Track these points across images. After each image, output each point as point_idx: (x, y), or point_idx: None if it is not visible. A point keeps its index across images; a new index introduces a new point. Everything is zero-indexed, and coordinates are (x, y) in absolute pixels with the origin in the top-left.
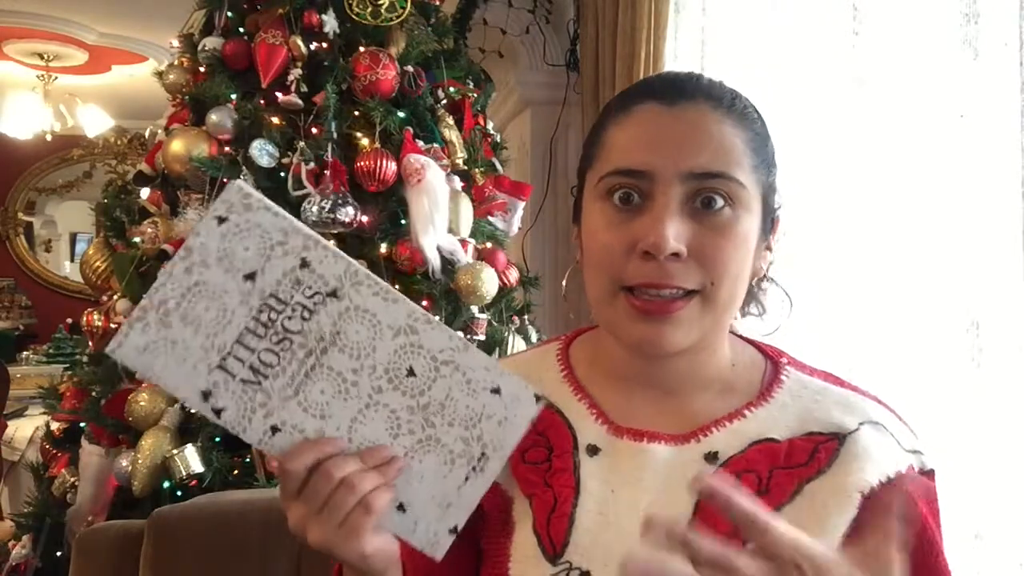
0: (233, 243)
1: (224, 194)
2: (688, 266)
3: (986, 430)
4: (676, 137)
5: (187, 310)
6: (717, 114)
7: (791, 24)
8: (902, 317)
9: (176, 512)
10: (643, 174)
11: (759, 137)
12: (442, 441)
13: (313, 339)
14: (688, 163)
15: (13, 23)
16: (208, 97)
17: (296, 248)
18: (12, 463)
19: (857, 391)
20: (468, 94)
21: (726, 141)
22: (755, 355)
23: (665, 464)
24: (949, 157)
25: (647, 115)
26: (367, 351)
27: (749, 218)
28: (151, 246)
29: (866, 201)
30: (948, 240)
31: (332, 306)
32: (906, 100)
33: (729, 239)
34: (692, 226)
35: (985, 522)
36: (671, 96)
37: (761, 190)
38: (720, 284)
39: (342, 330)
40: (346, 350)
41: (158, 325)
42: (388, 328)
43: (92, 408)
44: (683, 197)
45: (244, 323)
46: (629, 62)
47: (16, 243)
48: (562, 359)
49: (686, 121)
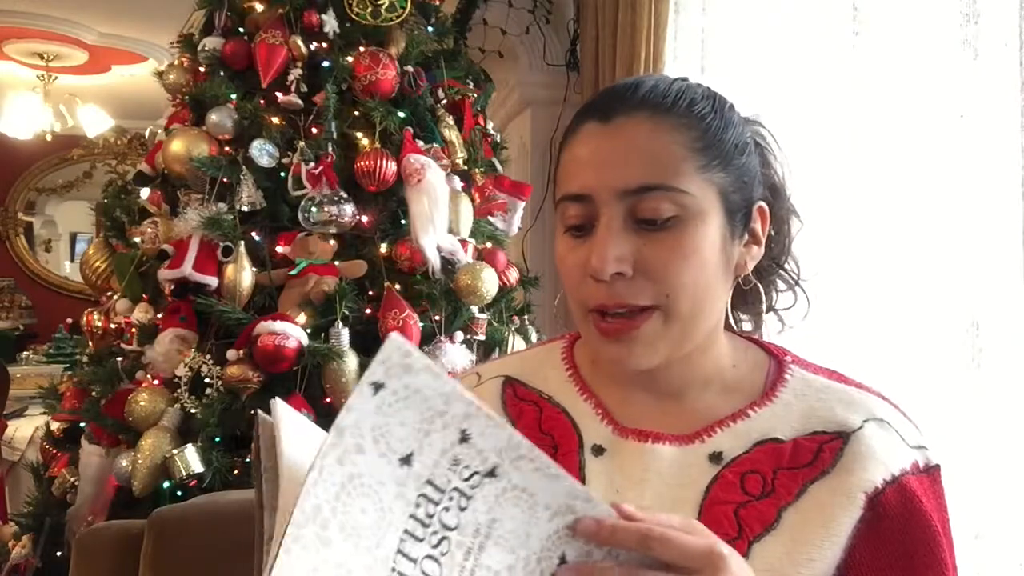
0: (390, 417)
1: (381, 353)
2: (636, 284)
3: (986, 430)
4: (611, 156)
5: (344, 517)
6: (653, 123)
7: (791, 24)
8: (902, 317)
9: (176, 512)
10: (585, 197)
11: (709, 134)
12: None
13: (470, 535)
14: (622, 181)
15: (13, 23)
16: (208, 97)
17: (457, 418)
18: (12, 463)
19: (861, 387)
20: (468, 94)
21: (662, 151)
22: (759, 354)
23: (669, 465)
24: (949, 157)
25: (586, 136)
26: (521, 539)
27: (703, 225)
28: (151, 246)
29: (866, 201)
30: (948, 240)
31: (489, 488)
32: (906, 100)
33: (676, 251)
34: (637, 242)
35: (985, 522)
36: (607, 112)
37: (717, 189)
38: (676, 296)
39: (497, 518)
40: (501, 542)
41: (317, 544)
42: (545, 509)
43: (92, 408)
44: (624, 215)
45: (403, 524)
46: (629, 62)
47: (16, 243)
48: (567, 358)
49: (620, 137)
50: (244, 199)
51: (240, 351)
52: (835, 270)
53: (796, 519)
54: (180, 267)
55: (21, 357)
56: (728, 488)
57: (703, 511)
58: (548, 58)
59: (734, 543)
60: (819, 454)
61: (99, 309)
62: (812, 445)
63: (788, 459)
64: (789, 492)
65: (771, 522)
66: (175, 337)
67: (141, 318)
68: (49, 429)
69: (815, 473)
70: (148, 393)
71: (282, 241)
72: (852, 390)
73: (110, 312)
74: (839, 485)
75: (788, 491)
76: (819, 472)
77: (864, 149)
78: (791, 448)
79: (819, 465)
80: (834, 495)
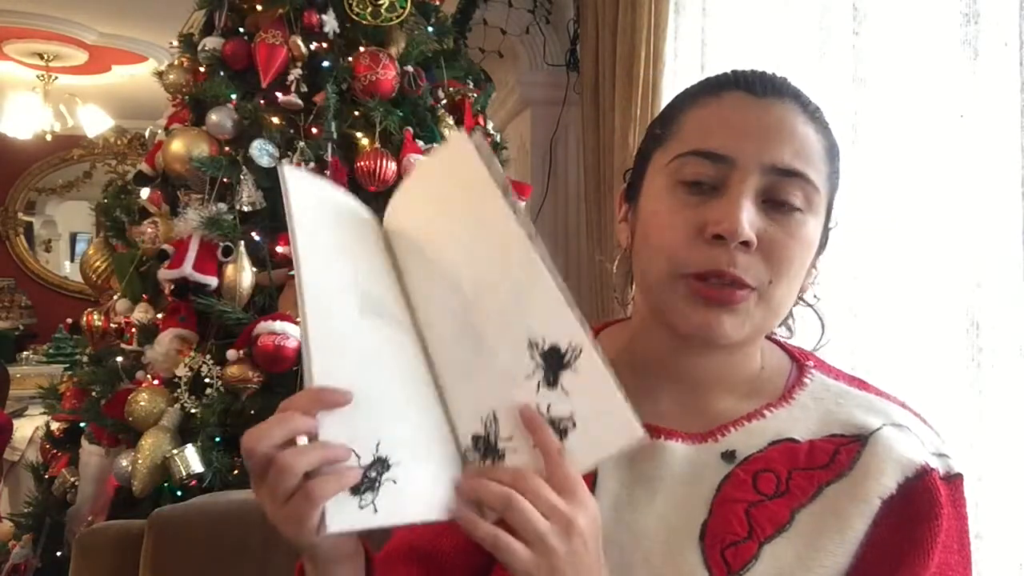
0: None
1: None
2: (754, 259)
3: (986, 430)
4: (762, 128)
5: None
6: (803, 114)
7: (791, 24)
8: (902, 317)
9: (176, 512)
10: (723, 158)
11: (834, 149)
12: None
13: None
14: (771, 156)
15: (13, 23)
16: (208, 97)
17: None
18: (12, 463)
19: (882, 395)
20: (468, 94)
21: (809, 142)
22: (782, 357)
23: (681, 462)
24: (949, 157)
25: (735, 102)
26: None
27: (816, 224)
28: (151, 246)
29: (865, 201)
30: (948, 240)
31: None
32: (906, 100)
33: (798, 240)
34: (764, 220)
35: (985, 522)
36: (761, 88)
37: (827, 200)
38: (778, 283)
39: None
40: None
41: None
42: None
43: (92, 408)
44: (759, 189)
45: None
46: (629, 62)
47: (16, 243)
48: None
49: (774, 115)
50: (244, 199)
51: (240, 351)
52: (834, 270)
53: (810, 522)
54: (180, 267)
55: (21, 357)
56: (740, 486)
57: (713, 509)
58: (548, 58)
59: (744, 543)
60: (836, 456)
61: (99, 309)
62: (829, 447)
63: (804, 460)
64: (804, 493)
65: (784, 523)
66: (175, 337)
67: (141, 318)
68: (49, 429)
69: (831, 475)
70: (148, 393)
71: (282, 241)
72: (872, 397)
73: (110, 312)
74: (856, 489)
75: (803, 492)
76: (835, 475)
77: (864, 149)
78: (807, 449)
79: (836, 467)
80: (851, 500)
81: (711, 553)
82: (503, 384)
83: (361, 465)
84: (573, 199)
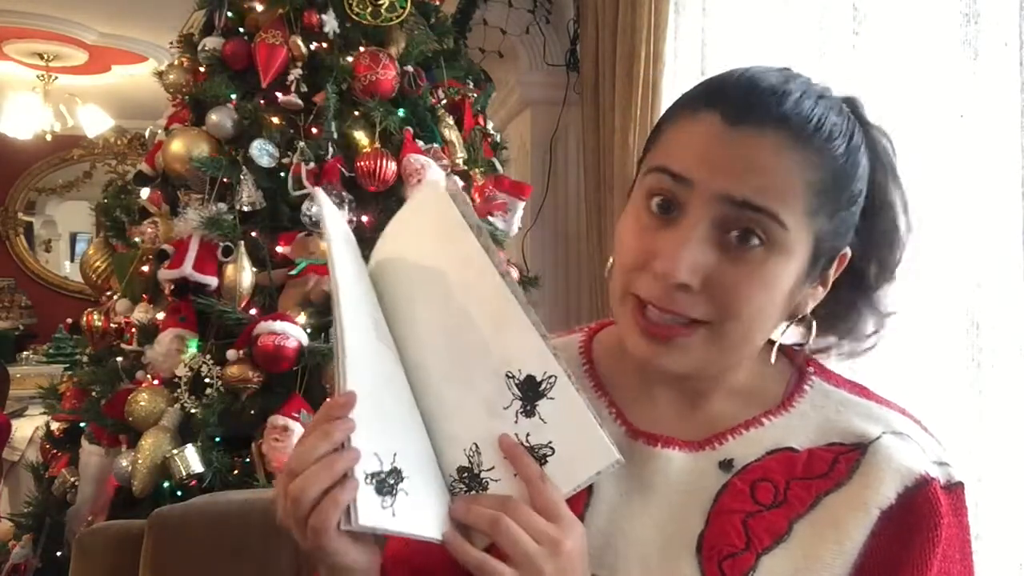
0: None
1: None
2: (697, 298)
3: (986, 430)
4: (726, 159)
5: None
6: (783, 145)
7: (791, 24)
8: (902, 317)
9: (176, 512)
10: (684, 180)
11: (831, 180)
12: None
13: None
14: (727, 187)
15: (13, 23)
16: (208, 97)
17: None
18: (12, 463)
19: (883, 402)
20: (468, 94)
21: (779, 177)
22: (784, 364)
23: (678, 471)
24: (949, 157)
25: (706, 127)
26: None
27: (785, 262)
28: (151, 246)
29: None
30: (948, 240)
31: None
32: (906, 100)
33: (750, 280)
34: (716, 256)
35: (985, 522)
36: (740, 113)
37: (813, 235)
38: (732, 321)
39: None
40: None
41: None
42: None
43: (92, 408)
44: (716, 221)
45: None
46: (629, 62)
47: (16, 243)
48: (584, 352)
49: (744, 145)
50: (244, 199)
51: (240, 351)
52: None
53: (808, 532)
54: (180, 267)
55: (21, 357)
56: (737, 496)
57: (710, 520)
58: (548, 58)
59: (741, 555)
60: (835, 465)
61: (99, 309)
62: (828, 456)
63: (802, 469)
64: (802, 503)
65: (781, 534)
66: (175, 337)
67: (141, 318)
68: (49, 429)
69: (830, 485)
70: (148, 393)
71: (282, 241)
72: (873, 404)
73: (110, 312)
74: (855, 499)
75: (801, 502)
76: (834, 484)
77: None
78: (806, 458)
79: (834, 477)
80: (849, 510)
81: (708, 565)
82: (484, 416)
83: (383, 470)
84: (573, 199)
